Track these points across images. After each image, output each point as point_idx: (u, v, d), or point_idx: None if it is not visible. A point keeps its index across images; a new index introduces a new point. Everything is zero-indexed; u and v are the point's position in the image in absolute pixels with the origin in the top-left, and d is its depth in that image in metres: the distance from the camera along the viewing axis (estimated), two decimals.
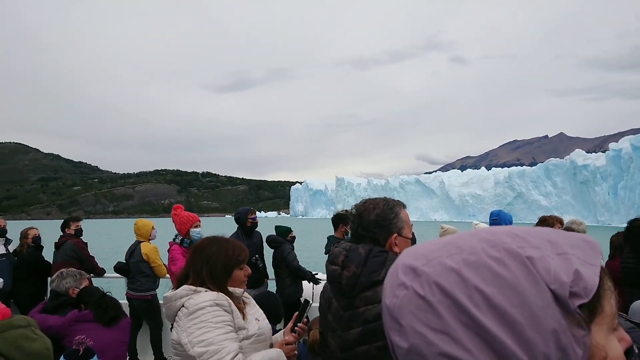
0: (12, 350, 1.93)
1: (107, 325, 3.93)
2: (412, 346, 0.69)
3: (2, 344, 1.91)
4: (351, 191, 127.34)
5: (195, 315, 2.30)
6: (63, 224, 7.16)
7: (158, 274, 6.73)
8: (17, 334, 1.99)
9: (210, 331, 2.27)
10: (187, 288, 2.39)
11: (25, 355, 1.97)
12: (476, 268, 0.69)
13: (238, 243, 2.59)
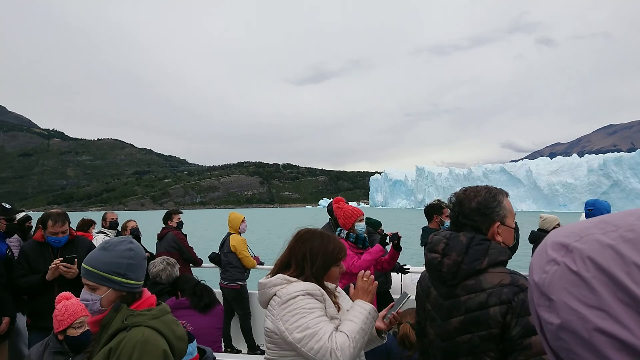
0: (169, 332, 2.13)
1: (202, 311, 4.13)
2: (565, 322, 0.67)
3: (162, 326, 2.12)
4: (432, 181, 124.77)
5: (288, 304, 2.34)
6: (165, 217, 7.58)
7: (246, 265, 6.97)
8: (170, 319, 2.21)
9: (305, 316, 2.31)
10: (282, 277, 2.44)
11: (176, 338, 2.17)
12: (635, 245, 0.66)
13: (339, 240, 2.60)
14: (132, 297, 2.21)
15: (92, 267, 2.18)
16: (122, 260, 2.18)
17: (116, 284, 2.17)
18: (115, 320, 2.12)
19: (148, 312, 2.15)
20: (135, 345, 2.02)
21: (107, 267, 2.16)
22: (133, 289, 2.21)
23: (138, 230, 7.45)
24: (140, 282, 2.24)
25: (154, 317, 2.14)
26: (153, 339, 2.07)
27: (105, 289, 2.17)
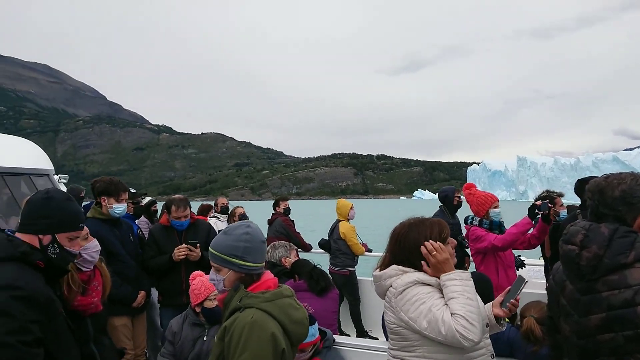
0: (283, 316, 2.20)
1: (319, 295, 4.27)
2: None
3: (276, 310, 2.20)
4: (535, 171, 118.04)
5: (404, 294, 2.34)
6: (274, 204, 8.01)
7: (355, 252, 7.10)
8: (286, 303, 2.27)
9: (425, 302, 2.30)
10: (397, 268, 2.44)
11: (292, 322, 2.23)
12: None
13: (436, 221, 2.54)
14: (250, 278, 2.31)
15: (215, 250, 2.33)
16: (240, 243, 2.29)
17: (235, 265, 2.28)
18: (233, 300, 2.24)
19: (262, 294, 2.23)
20: (244, 326, 2.10)
21: (227, 249, 2.29)
22: (251, 270, 2.31)
23: (246, 216, 7.83)
24: (258, 264, 2.33)
25: (267, 300, 2.21)
26: (261, 322, 2.13)
27: (227, 270, 2.30)
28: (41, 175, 5.47)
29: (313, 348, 3.22)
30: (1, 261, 2.23)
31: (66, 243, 2.38)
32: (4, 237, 2.32)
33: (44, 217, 2.37)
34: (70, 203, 2.45)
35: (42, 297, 2.21)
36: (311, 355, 3.22)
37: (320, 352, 3.30)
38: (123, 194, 4.55)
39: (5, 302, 2.10)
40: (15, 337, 2.08)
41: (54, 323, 2.29)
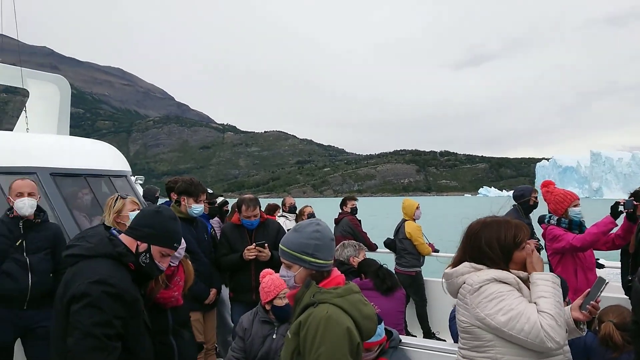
0: (355, 311, 2.26)
1: (385, 294, 4.28)
2: None
3: (348, 305, 2.25)
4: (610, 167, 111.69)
5: (481, 291, 2.30)
6: (341, 203, 8.09)
7: (421, 252, 7.02)
8: (356, 298, 2.33)
9: (504, 299, 2.25)
10: (469, 265, 2.41)
11: (363, 317, 2.28)
12: None
13: (514, 222, 2.46)
14: (321, 275, 2.37)
15: (285, 247, 2.39)
16: (310, 241, 2.34)
17: (306, 262, 2.34)
18: (305, 295, 2.30)
19: (334, 290, 2.28)
20: (319, 321, 2.16)
21: (298, 247, 2.35)
22: (322, 268, 2.36)
23: (314, 215, 7.91)
24: (328, 261, 2.38)
25: (339, 295, 2.26)
26: (336, 316, 2.18)
27: (298, 267, 2.36)
28: (120, 176, 5.80)
29: (379, 348, 3.23)
30: (100, 257, 2.44)
31: (157, 256, 2.56)
32: (106, 236, 2.53)
33: (147, 226, 2.58)
34: (173, 222, 2.65)
35: (129, 296, 2.39)
36: (377, 354, 3.22)
37: (386, 352, 3.30)
38: (202, 194, 4.74)
39: (97, 296, 2.29)
40: (100, 329, 2.26)
41: (135, 320, 2.46)
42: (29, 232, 4.12)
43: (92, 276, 2.33)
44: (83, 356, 2.24)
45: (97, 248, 2.47)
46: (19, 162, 4.90)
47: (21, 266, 4.00)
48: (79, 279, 2.35)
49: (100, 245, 2.48)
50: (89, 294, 2.29)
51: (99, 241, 2.50)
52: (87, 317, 2.27)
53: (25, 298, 4.00)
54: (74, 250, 2.51)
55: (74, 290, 2.33)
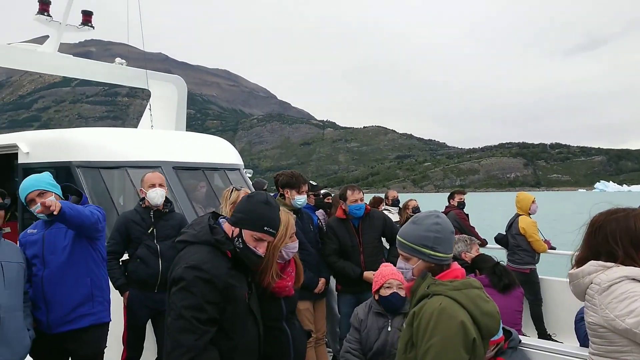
0: (472, 306, 2.18)
1: (501, 292, 4.09)
2: None
3: (465, 299, 2.18)
4: None
5: (610, 290, 2.11)
6: (449, 196, 7.92)
7: (536, 249, 6.65)
8: (475, 293, 2.24)
9: (636, 301, 2.05)
10: (596, 264, 2.21)
11: (482, 313, 2.19)
12: None
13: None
14: (440, 268, 2.30)
15: (404, 239, 2.35)
16: (430, 233, 2.28)
17: (425, 255, 2.28)
18: (420, 287, 2.25)
19: (450, 282, 2.21)
20: (432, 312, 2.11)
21: (417, 239, 2.30)
22: (441, 261, 2.29)
23: (419, 209, 7.77)
24: (448, 255, 2.31)
25: (455, 288, 2.19)
26: (450, 309, 2.11)
27: (416, 260, 2.31)
28: (233, 169, 6.12)
29: (496, 347, 3.10)
30: (199, 243, 2.55)
31: (250, 241, 2.57)
32: (208, 224, 2.63)
33: (239, 211, 2.64)
34: (264, 206, 2.62)
35: (220, 282, 2.45)
36: (494, 354, 3.09)
37: (504, 352, 3.15)
38: (303, 186, 4.83)
39: (190, 280, 2.39)
40: (190, 312, 2.35)
41: (232, 306, 2.51)
42: (159, 221, 4.45)
43: (189, 261, 2.44)
44: (175, 336, 2.36)
45: (198, 235, 2.57)
46: (146, 157, 5.32)
47: (152, 252, 4.34)
48: (179, 264, 2.49)
49: (201, 232, 2.57)
50: (184, 278, 2.40)
51: (202, 229, 2.59)
52: (180, 299, 2.37)
53: (157, 282, 4.32)
54: (182, 237, 2.65)
55: (174, 274, 2.46)
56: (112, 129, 6.48)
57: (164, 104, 8.51)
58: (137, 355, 4.39)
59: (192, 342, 2.33)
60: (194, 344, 2.33)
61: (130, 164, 5.20)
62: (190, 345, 2.32)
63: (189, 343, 2.32)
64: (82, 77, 9.14)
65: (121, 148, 5.39)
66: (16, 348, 3.22)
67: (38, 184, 3.51)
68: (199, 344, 2.34)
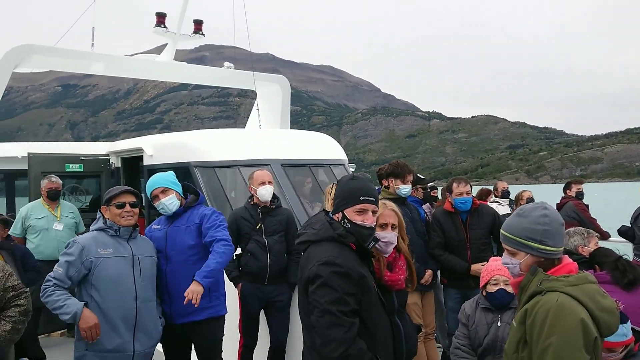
0: (590, 302, 2.07)
1: (626, 288, 3.76)
2: None
3: (582, 295, 2.08)
4: None
5: None
6: (565, 186, 7.49)
7: None
8: (592, 289, 2.13)
9: None
10: None
11: (601, 309, 2.08)
12: None
13: None
14: (550, 262, 2.20)
15: (509, 233, 2.27)
16: (537, 226, 2.18)
17: (533, 249, 2.19)
18: (531, 283, 2.15)
19: (565, 278, 2.10)
20: (549, 309, 2.01)
21: (523, 232, 2.21)
22: (551, 255, 2.19)
23: (533, 200, 7.38)
24: (558, 248, 2.20)
25: (571, 284, 2.08)
26: (569, 306, 2.01)
27: (524, 255, 2.23)
28: (338, 165, 6.24)
29: (625, 349, 2.87)
30: (325, 240, 2.63)
31: (355, 217, 2.62)
32: (327, 220, 2.72)
33: (335, 198, 2.73)
34: (350, 181, 2.71)
35: (355, 274, 2.52)
36: (623, 357, 2.87)
37: (635, 355, 2.91)
38: (408, 175, 4.83)
39: (327, 276, 2.46)
40: (335, 306, 2.42)
41: (367, 297, 2.58)
42: (267, 216, 4.66)
43: (320, 258, 2.51)
44: (324, 331, 2.42)
45: (320, 233, 2.65)
46: (256, 155, 5.60)
47: (261, 247, 4.56)
48: (310, 263, 2.56)
49: (322, 230, 2.65)
50: (320, 275, 2.47)
51: (322, 226, 2.67)
52: (322, 296, 2.44)
53: (266, 275, 4.55)
54: (303, 238, 2.74)
55: (308, 273, 2.53)
56: (224, 131, 6.90)
57: (270, 104, 8.92)
58: (253, 343, 4.64)
59: (342, 335, 2.39)
60: (344, 337, 2.39)
61: (241, 163, 5.49)
62: (341, 338, 2.38)
63: (339, 337, 2.38)
64: (195, 82, 9.93)
65: (233, 148, 5.71)
66: (152, 334, 3.58)
67: (162, 182, 3.84)
68: (349, 336, 2.40)
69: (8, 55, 6.75)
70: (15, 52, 6.81)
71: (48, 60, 7.42)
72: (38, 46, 7.12)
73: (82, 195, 7.39)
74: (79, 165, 6.92)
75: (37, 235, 6.07)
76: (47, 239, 6.09)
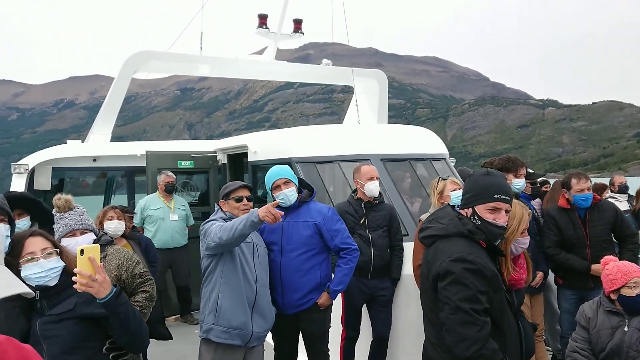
0: None
1: None
2: None
3: None
4: None
5: None
6: None
7: None
8: None
9: None
10: None
11: None
12: None
13: None
14: None
15: None
16: None
17: None
18: None
19: None
20: None
21: None
22: None
23: None
24: None
25: None
26: None
27: None
28: (439, 159, 6.07)
29: None
30: (454, 236, 2.56)
31: (486, 214, 2.52)
32: (455, 215, 2.64)
33: (465, 192, 2.64)
34: (487, 177, 2.59)
35: (488, 271, 2.44)
36: None
37: None
38: (521, 169, 4.62)
39: (460, 272, 2.40)
40: (468, 304, 2.36)
41: (498, 295, 2.49)
42: (370, 211, 4.67)
43: (451, 255, 2.45)
44: (456, 329, 2.36)
45: (448, 227, 2.57)
46: (355, 150, 5.61)
47: (365, 241, 4.56)
48: (439, 258, 2.49)
49: (451, 225, 2.57)
50: (452, 272, 2.40)
51: (450, 221, 2.60)
52: (454, 293, 2.38)
53: (369, 269, 4.56)
54: (429, 232, 2.67)
55: (438, 269, 2.47)
56: (324, 127, 7.00)
57: (367, 99, 8.92)
58: (355, 335, 4.69)
59: (476, 333, 2.34)
60: (478, 336, 2.34)
61: (341, 158, 5.54)
62: (474, 337, 2.34)
63: (472, 335, 2.34)
64: (294, 80, 10.20)
65: (333, 144, 5.77)
66: (267, 318, 3.76)
67: (285, 173, 3.97)
68: (482, 335, 2.35)
69: (129, 62, 7.46)
70: (135, 58, 7.52)
71: (162, 64, 8.05)
72: (154, 52, 7.85)
73: (193, 190, 7.92)
74: (189, 162, 7.41)
75: (154, 224, 6.67)
76: (163, 229, 6.70)
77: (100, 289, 2.21)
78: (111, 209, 4.69)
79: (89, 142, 7.81)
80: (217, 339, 3.54)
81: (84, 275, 2.16)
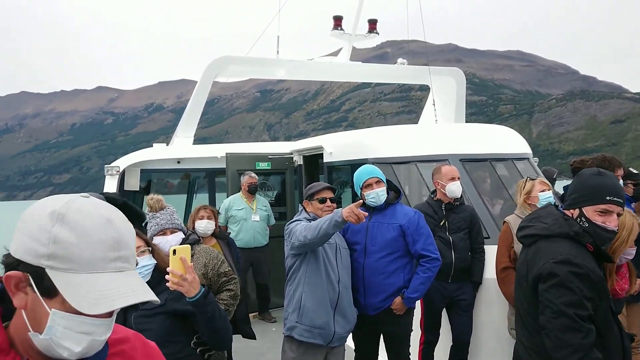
0: None
1: None
2: None
3: None
4: None
5: None
6: None
7: None
8: None
9: None
10: None
11: None
12: None
13: None
14: None
15: None
16: None
17: None
18: None
19: None
20: None
21: None
22: None
23: None
24: None
25: None
26: None
27: None
28: (522, 159, 5.81)
29: None
30: (559, 237, 2.42)
31: (595, 217, 2.39)
32: (560, 215, 2.50)
33: (572, 192, 2.48)
34: (596, 177, 2.44)
35: (596, 277, 2.30)
36: None
37: None
38: (618, 169, 4.40)
39: (565, 275, 2.27)
40: (572, 309, 2.23)
41: (604, 303, 2.36)
42: (450, 213, 4.55)
43: (556, 256, 2.33)
44: (557, 334, 2.25)
45: (552, 228, 2.44)
46: (433, 150, 5.50)
47: (445, 244, 4.45)
48: (541, 259, 2.38)
49: (555, 225, 2.44)
50: (556, 274, 2.29)
51: (554, 221, 2.46)
52: (557, 296, 2.27)
53: (450, 272, 4.44)
54: (530, 231, 2.54)
55: (540, 270, 2.36)
56: (400, 127, 6.92)
57: (444, 97, 8.71)
58: (434, 339, 4.60)
59: (579, 340, 2.23)
60: (581, 343, 2.23)
61: (419, 159, 5.45)
62: (578, 344, 2.23)
63: (576, 342, 2.23)
64: (370, 80, 10.16)
65: (410, 144, 5.69)
66: (349, 319, 3.75)
67: (377, 172, 3.96)
68: (586, 343, 2.24)
69: (210, 66, 7.81)
70: (216, 63, 7.86)
71: (241, 68, 8.33)
72: (234, 57, 8.15)
73: (270, 190, 8.12)
74: (267, 163, 7.60)
75: (237, 224, 6.89)
76: (245, 228, 6.90)
77: (190, 288, 2.30)
78: (203, 208, 4.79)
79: (174, 145, 8.20)
80: (300, 337, 3.58)
81: (176, 274, 2.26)
